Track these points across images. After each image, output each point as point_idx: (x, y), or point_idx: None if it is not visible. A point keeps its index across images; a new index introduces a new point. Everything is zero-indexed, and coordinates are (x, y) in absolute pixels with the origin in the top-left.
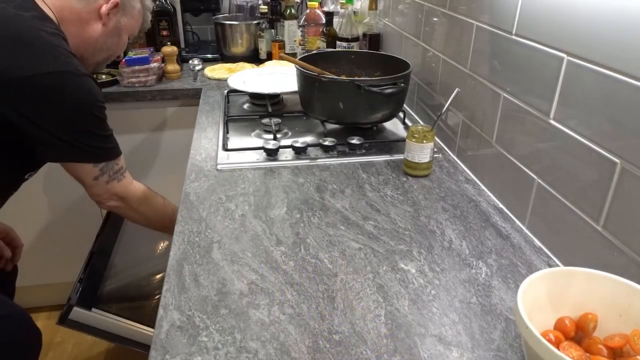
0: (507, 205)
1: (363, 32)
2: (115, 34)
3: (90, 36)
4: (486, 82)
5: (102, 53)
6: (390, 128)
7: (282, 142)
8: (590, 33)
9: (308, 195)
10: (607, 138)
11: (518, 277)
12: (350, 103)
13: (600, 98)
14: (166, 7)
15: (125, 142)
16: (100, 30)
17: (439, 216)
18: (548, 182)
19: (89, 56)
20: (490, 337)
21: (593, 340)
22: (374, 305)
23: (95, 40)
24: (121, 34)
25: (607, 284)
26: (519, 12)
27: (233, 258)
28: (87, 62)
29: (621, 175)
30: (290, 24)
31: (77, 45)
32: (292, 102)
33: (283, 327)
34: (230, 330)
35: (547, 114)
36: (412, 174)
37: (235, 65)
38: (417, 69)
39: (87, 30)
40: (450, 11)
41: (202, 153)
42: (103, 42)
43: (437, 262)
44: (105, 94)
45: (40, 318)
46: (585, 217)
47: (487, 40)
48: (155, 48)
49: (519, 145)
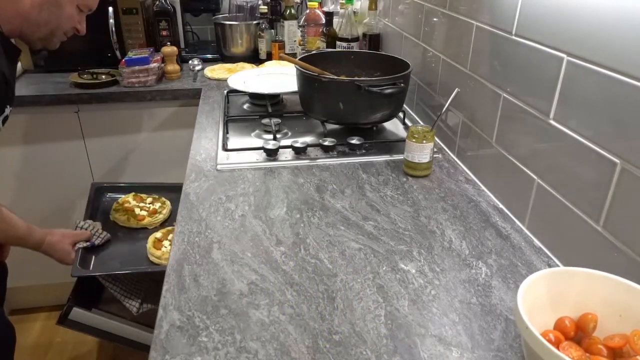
0: (507, 205)
1: (363, 32)
2: (52, 5)
3: (22, 10)
4: (486, 82)
5: (41, 28)
6: (390, 128)
7: (282, 142)
8: (590, 33)
9: (308, 195)
10: (607, 138)
11: (518, 277)
12: (350, 103)
13: (600, 98)
14: (166, 7)
15: (125, 142)
16: (29, 2)
17: (439, 216)
18: (548, 182)
19: (29, 33)
20: (490, 337)
21: (593, 340)
22: (374, 306)
23: (27, 13)
24: (62, 5)
25: (607, 284)
26: (518, 12)
27: (233, 258)
28: (30, 39)
29: (621, 175)
30: (290, 24)
31: (13, 22)
32: (292, 102)
33: (283, 328)
34: (230, 331)
35: (547, 114)
36: (412, 174)
37: (235, 66)
38: (417, 69)
39: (17, 4)
40: (450, 11)
41: (202, 153)
42: (38, 15)
43: (437, 262)
44: (105, 94)
45: (40, 318)
46: (585, 217)
47: (487, 41)
48: (155, 48)
49: (519, 146)
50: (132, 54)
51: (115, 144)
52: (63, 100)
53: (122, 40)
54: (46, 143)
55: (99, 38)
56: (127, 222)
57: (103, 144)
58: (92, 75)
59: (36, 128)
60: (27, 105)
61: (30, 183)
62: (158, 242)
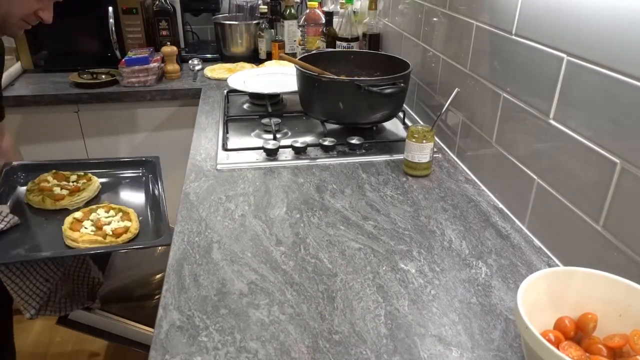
0: (507, 205)
1: (363, 32)
2: None
3: None
4: (486, 82)
5: None
6: (390, 128)
7: (282, 142)
8: (590, 33)
9: (308, 195)
10: (607, 138)
11: (518, 277)
12: (350, 103)
13: (600, 98)
14: (166, 7)
15: (125, 142)
16: None
17: (438, 216)
18: (548, 182)
19: None
20: (490, 337)
21: (593, 340)
22: (374, 305)
23: None
24: None
25: (607, 284)
26: (518, 12)
27: (233, 258)
28: None
29: (621, 175)
30: (290, 24)
31: None
32: (292, 102)
33: (283, 327)
34: (230, 330)
35: (547, 114)
36: (412, 174)
37: (235, 65)
38: (417, 69)
39: None
40: (450, 11)
41: (201, 153)
42: None
43: (437, 262)
44: (105, 94)
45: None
46: (585, 217)
47: (487, 40)
48: (155, 48)
49: (518, 145)
50: (132, 54)
51: (115, 144)
52: (63, 100)
53: (122, 40)
54: (46, 143)
55: (99, 38)
56: (41, 203)
57: (103, 144)
58: (92, 75)
59: (36, 128)
60: (27, 105)
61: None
62: (77, 222)
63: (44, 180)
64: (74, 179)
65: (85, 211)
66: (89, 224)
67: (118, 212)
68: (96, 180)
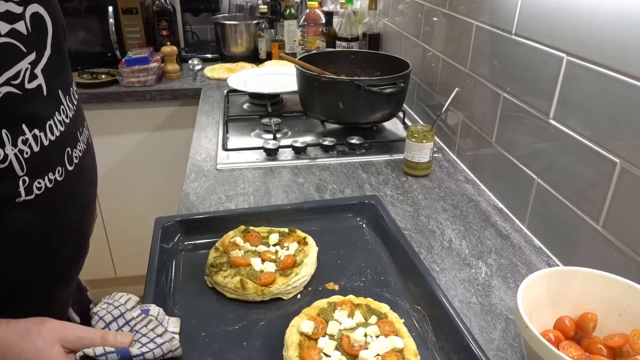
0: (507, 205)
1: (363, 32)
2: None
3: None
4: (486, 82)
5: None
6: (390, 128)
7: (282, 142)
8: (590, 33)
9: (308, 195)
10: (606, 138)
11: (518, 277)
12: (350, 103)
13: (600, 98)
14: (166, 7)
15: (125, 142)
16: None
17: (438, 216)
18: (548, 182)
19: None
20: (490, 337)
21: (593, 339)
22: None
23: None
24: None
25: (606, 284)
26: (518, 12)
27: None
28: None
29: (621, 175)
30: (290, 24)
31: None
32: (292, 102)
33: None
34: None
35: (547, 114)
36: (412, 173)
37: (235, 65)
38: (417, 69)
39: None
40: (450, 11)
41: (201, 153)
42: None
43: (437, 261)
44: (105, 94)
45: None
46: (585, 217)
47: (487, 40)
48: (155, 48)
49: (518, 145)
50: (132, 54)
51: (115, 144)
52: None
53: (122, 40)
54: None
55: (99, 38)
56: (238, 289)
57: (103, 144)
58: (92, 75)
59: None
60: None
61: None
62: (311, 345)
63: (232, 245)
64: (274, 240)
65: (312, 315)
66: (331, 345)
67: (379, 315)
68: (312, 244)
